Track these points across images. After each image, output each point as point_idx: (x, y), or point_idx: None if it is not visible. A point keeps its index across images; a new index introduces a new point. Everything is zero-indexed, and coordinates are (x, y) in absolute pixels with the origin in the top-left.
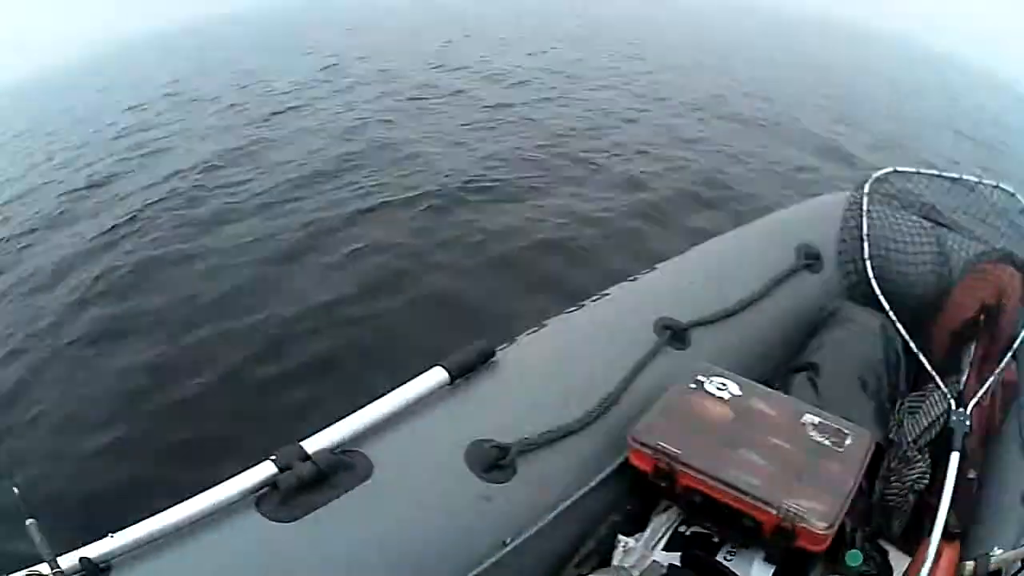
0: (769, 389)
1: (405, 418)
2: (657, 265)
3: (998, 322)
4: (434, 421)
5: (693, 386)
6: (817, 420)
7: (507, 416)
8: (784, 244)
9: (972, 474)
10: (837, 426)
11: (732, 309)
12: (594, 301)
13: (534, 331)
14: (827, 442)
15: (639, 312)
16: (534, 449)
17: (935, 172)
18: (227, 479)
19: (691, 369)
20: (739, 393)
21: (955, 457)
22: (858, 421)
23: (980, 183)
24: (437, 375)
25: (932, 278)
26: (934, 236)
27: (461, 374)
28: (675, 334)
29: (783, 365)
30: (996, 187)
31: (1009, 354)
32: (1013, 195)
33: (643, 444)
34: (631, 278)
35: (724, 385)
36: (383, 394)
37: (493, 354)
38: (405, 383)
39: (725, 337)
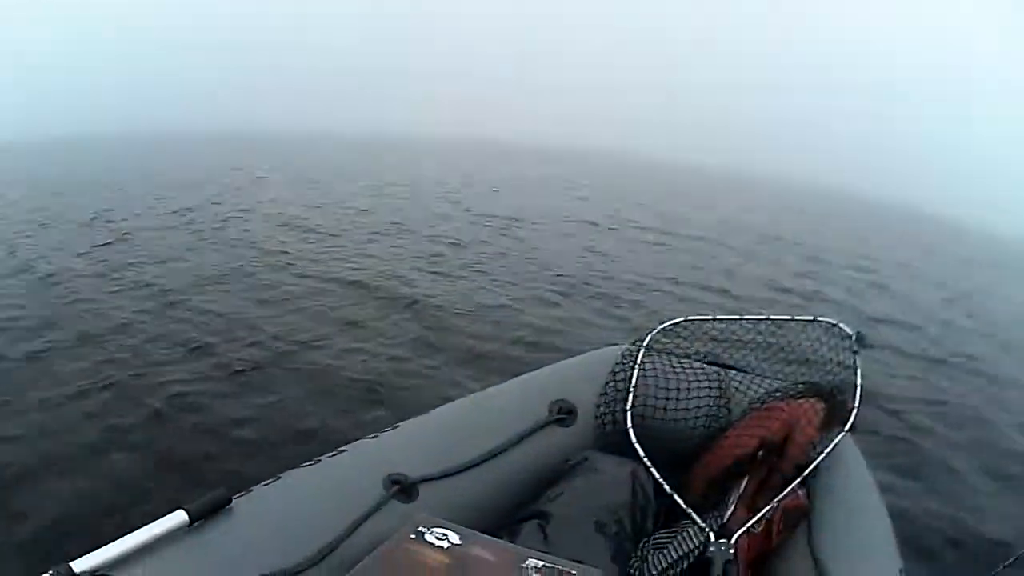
0: (491, 538)
1: (148, 552)
2: (399, 423)
3: (784, 454)
4: (174, 560)
5: (413, 536)
6: (540, 564)
7: (238, 561)
8: (539, 400)
9: None
10: (562, 567)
11: (468, 463)
12: (330, 457)
13: (270, 482)
14: None
15: (371, 468)
16: None
17: (735, 316)
18: None
19: (413, 521)
20: (458, 542)
21: None
22: (590, 562)
23: (793, 320)
24: (178, 517)
25: (704, 421)
26: (716, 380)
27: (199, 518)
28: (403, 488)
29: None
30: (813, 321)
31: (797, 481)
32: (835, 325)
33: None
34: (371, 435)
35: (444, 535)
36: (135, 528)
37: (230, 501)
38: (152, 521)
39: (457, 491)
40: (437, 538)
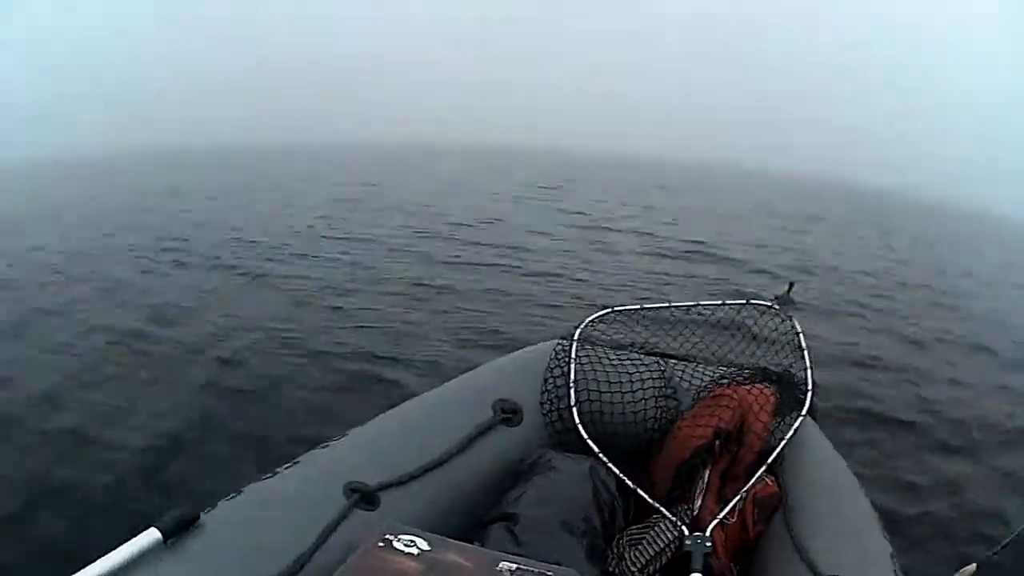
0: (461, 543)
1: (125, 574)
2: (348, 431)
3: (742, 441)
4: None
5: (381, 544)
6: (514, 567)
7: None
8: (482, 401)
9: None
10: (538, 570)
11: (422, 469)
12: (287, 468)
13: (234, 496)
14: None
15: (329, 477)
16: None
17: (663, 304)
18: None
19: (379, 529)
20: (428, 548)
21: None
22: (566, 563)
23: (724, 304)
24: (151, 535)
25: (655, 412)
26: (658, 371)
27: (171, 535)
28: (364, 496)
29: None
30: (746, 304)
31: (762, 469)
32: (770, 306)
33: None
34: (322, 445)
35: (412, 542)
36: (101, 555)
37: (198, 517)
38: (121, 544)
39: (417, 496)
40: (406, 545)
